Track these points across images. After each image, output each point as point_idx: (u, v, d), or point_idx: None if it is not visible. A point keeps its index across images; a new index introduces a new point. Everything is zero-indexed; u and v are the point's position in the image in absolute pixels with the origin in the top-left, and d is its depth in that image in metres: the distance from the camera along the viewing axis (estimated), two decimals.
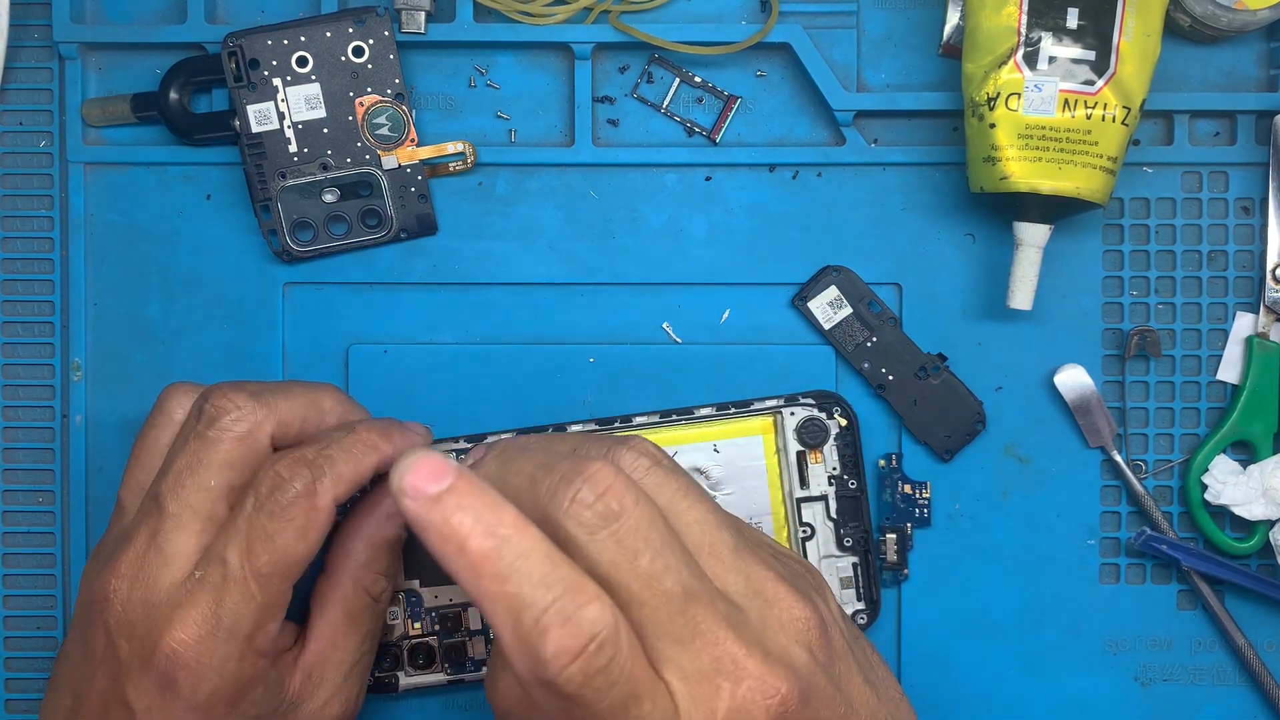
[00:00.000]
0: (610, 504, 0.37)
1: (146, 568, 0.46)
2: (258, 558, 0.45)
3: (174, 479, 0.47)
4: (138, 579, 0.46)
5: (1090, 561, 0.56)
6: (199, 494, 0.46)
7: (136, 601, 0.46)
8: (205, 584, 0.45)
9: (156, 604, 0.45)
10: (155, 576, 0.46)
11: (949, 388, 0.56)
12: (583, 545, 0.37)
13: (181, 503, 0.46)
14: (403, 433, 0.50)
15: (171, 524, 0.46)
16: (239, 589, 0.45)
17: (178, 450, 0.47)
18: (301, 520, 0.46)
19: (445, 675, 0.56)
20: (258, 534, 0.45)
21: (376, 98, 0.55)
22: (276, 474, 0.46)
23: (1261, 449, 0.55)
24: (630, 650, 0.37)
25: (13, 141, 0.57)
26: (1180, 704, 0.57)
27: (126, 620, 0.46)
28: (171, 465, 0.47)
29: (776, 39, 0.55)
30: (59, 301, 0.57)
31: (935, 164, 0.56)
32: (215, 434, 0.47)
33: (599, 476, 0.37)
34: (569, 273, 0.57)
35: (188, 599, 0.45)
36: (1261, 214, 0.56)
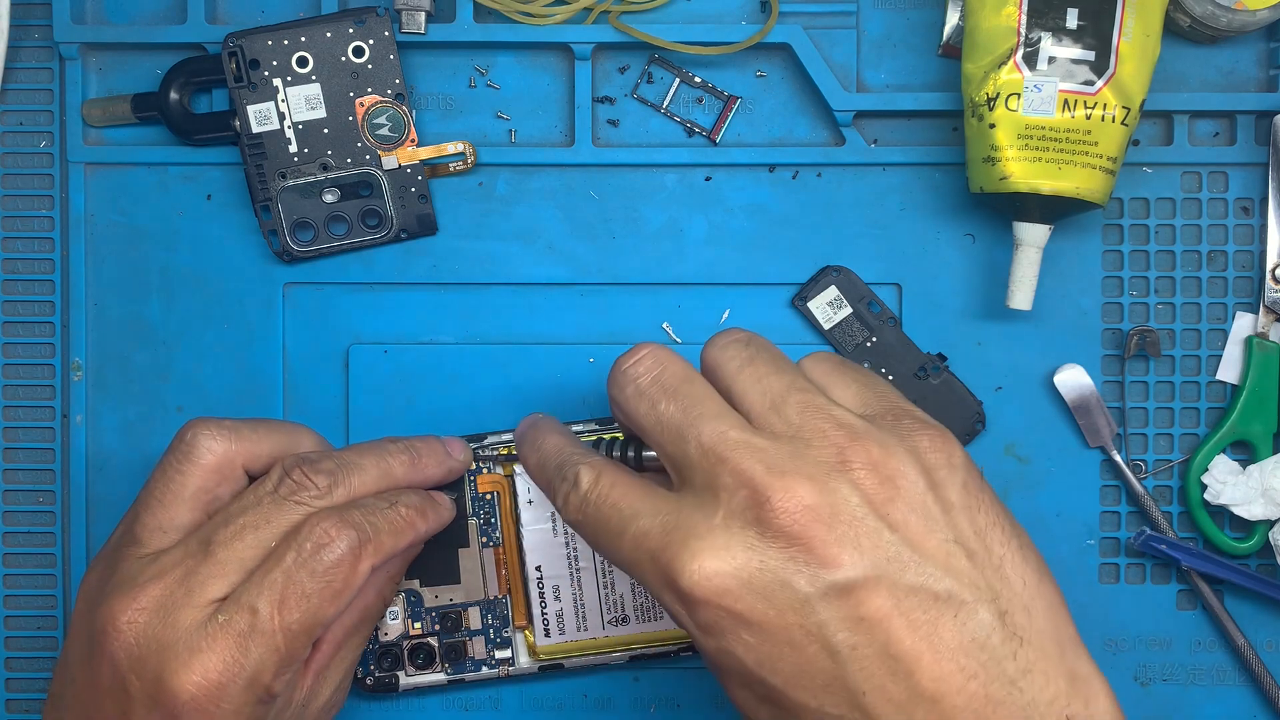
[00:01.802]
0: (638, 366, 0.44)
1: (171, 605, 0.45)
2: (290, 613, 0.45)
3: (235, 531, 0.46)
4: (157, 615, 0.45)
5: (1090, 561, 0.56)
6: (254, 550, 0.46)
7: (153, 639, 0.45)
8: (230, 630, 0.45)
9: (173, 644, 0.45)
10: (177, 616, 0.45)
11: (949, 388, 0.56)
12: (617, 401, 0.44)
13: (233, 553, 0.46)
14: (438, 512, 0.51)
15: (214, 570, 0.46)
16: (265, 640, 0.45)
17: (248, 506, 0.47)
18: (340, 584, 0.46)
19: (445, 675, 0.56)
20: (294, 589, 0.45)
21: (377, 98, 0.55)
22: (325, 531, 0.46)
23: (1261, 449, 0.55)
24: None
25: (13, 141, 0.57)
26: (1180, 704, 0.57)
27: (139, 656, 0.45)
28: (236, 518, 0.47)
29: (776, 39, 0.55)
30: (59, 301, 0.57)
31: (935, 164, 0.56)
32: (291, 505, 0.47)
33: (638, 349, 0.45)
34: (569, 273, 0.57)
35: (209, 644, 0.45)
36: (1261, 214, 0.56)
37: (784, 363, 0.44)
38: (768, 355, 0.44)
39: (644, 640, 0.55)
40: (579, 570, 0.55)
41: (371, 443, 0.51)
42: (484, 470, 0.55)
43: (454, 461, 0.53)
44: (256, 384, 0.57)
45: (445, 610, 0.55)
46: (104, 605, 0.46)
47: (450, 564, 0.55)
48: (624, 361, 0.44)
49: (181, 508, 0.48)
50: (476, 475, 0.55)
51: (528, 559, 0.55)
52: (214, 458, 0.49)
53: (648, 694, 0.57)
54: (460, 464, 0.53)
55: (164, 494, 0.48)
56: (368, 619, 0.51)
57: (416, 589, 0.55)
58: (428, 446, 0.52)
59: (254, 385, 0.57)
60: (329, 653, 0.50)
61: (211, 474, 0.49)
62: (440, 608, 0.55)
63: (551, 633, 0.55)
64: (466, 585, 0.55)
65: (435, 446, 0.52)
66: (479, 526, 0.55)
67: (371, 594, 0.51)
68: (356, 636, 0.51)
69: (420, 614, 0.55)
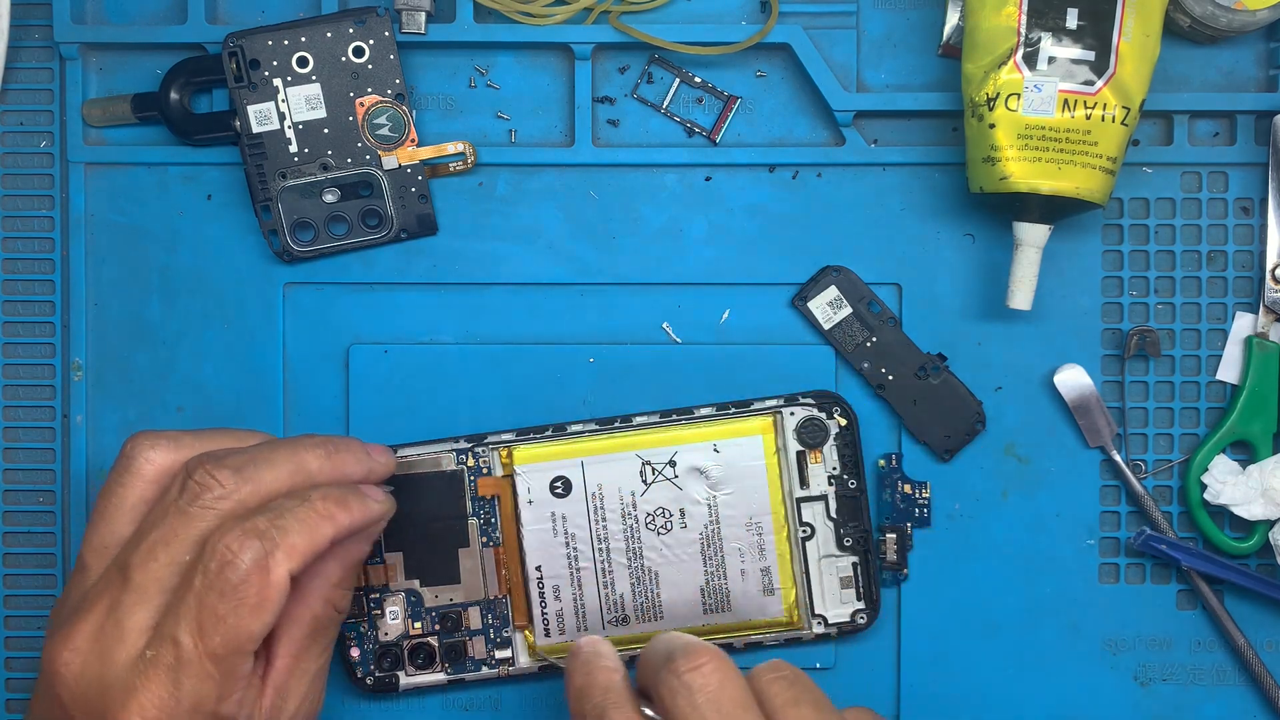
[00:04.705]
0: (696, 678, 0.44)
1: (103, 641, 0.44)
2: (210, 639, 0.44)
3: (146, 550, 0.45)
4: (92, 653, 0.44)
5: (1090, 561, 0.56)
6: (169, 569, 0.45)
7: (91, 678, 0.44)
8: (159, 665, 0.44)
9: (111, 682, 0.44)
10: (111, 652, 0.44)
11: (949, 388, 0.56)
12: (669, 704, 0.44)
13: (149, 575, 0.45)
14: (361, 502, 0.48)
15: (135, 597, 0.44)
16: (194, 670, 0.44)
17: (155, 521, 0.46)
18: (255, 599, 0.44)
19: (445, 675, 0.56)
20: (208, 614, 0.44)
21: (377, 98, 0.55)
22: (226, 548, 0.44)
23: (1261, 449, 0.55)
24: None
25: (13, 141, 0.57)
26: (1180, 704, 0.57)
27: (82, 696, 0.44)
28: (146, 536, 0.45)
29: (776, 39, 0.55)
30: (59, 301, 0.57)
31: (935, 164, 0.56)
32: (197, 510, 0.45)
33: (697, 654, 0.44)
34: (569, 273, 0.57)
35: (142, 681, 0.44)
36: (1261, 214, 0.56)
37: (828, 708, 0.45)
38: (812, 698, 0.45)
39: (644, 640, 0.55)
40: (579, 570, 0.55)
41: (286, 439, 0.49)
42: (485, 471, 0.55)
43: (373, 462, 0.50)
44: (256, 384, 0.57)
45: (445, 610, 0.55)
46: (47, 646, 0.45)
47: (450, 564, 0.55)
48: (681, 664, 0.44)
49: (123, 521, 0.47)
50: (477, 476, 0.55)
51: (528, 559, 0.55)
52: (153, 468, 0.47)
53: None
54: (381, 465, 0.51)
55: (105, 509, 0.48)
56: (321, 629, 0.49)
57: (416, 589, 0.55)
58: (346, 444, 0.50)
59: (254, 385, 0.57)
60: (285, 668, 0.48)
61: (151, 485, 0.47)
62: (440, 608, 0.55)
63: (551, 633, 0.55)
64: (466, 585, 0.55)
65: (354, 445, 0.50)
66: (479, 526, 0.55)
67: (317, 603, 0.48)
68: (315, 647, 0.49)
69: (420, 614, 0.55)
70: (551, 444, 0.55)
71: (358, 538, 0.49)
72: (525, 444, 0.55)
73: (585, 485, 0.55)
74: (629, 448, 0.55)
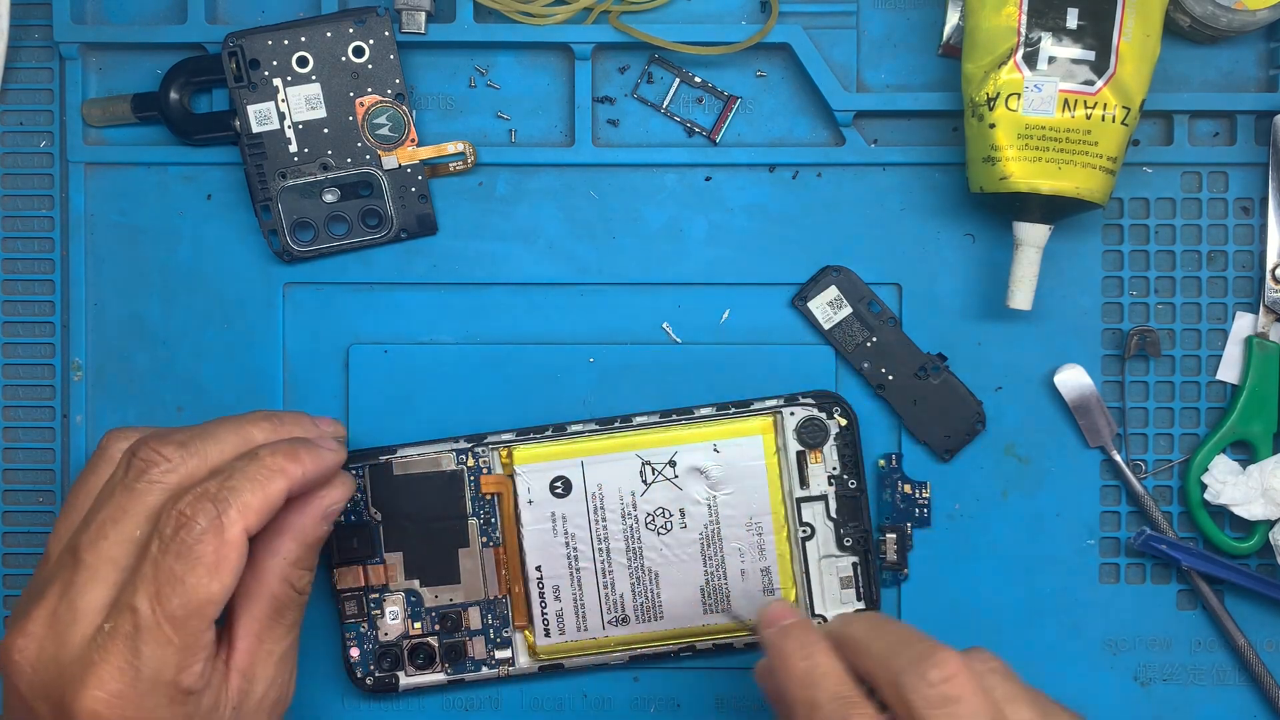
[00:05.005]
0: (951, 689, 0.42)
1: (57, 624, 0.44)
2: (168, 601, 0.44)
3: (95, 530, 0.45)
4: (47, 637, 0.44)
5: (1090, 561, 0.56)
6: (120, 545, 0.45)
7: (47, 661, 0.44)
8: (117, 635, 0.44)
9: (69, 662, 0.44)
10: (66, 634, 0.44)
11: (949, 388, 0.56)
12: (920, 715, 0.42)
13: (100, 554, 0.45)
14: (312, 452, 0.48)
15: (86, 576, 0.44)
16: (153, 636, 0.44)
17: (102, 502, 0.46)
18: (211, 558, 0.44)
19: (445, 675, 0.56)
20: (165, 577, 0.44)
21: (377, 98, 0.55)
22: (180, 514, 0.44)
23: (1261, 449, 0.55)
24: None
25: (13, 141, 0.57)
26: (1180, 704, 0.57)
27: (40, 682, 0.44)
28: (94, 517, 0.45)
29: (776, 39, 0.55)
30: (59, 301, 0.57)
31: (935, 164, 0.56)
32: (143, 486, 0.45)
33: (947, 663, 0.43)
34: (569, 273, 0.57)
35: (100, 654, 0.43)
36: (1261, 214, 0.56)
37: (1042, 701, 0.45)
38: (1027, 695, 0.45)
39: (644, 640, 0.55)
40: (579, 570, 0.55)
41: (231, 416, 0.49)
42: (485, 471, 0.55)
43: (320, 430, 0.50)
44: (256, 384, 0.57)
45: (445, 610, 0.55)
46: (4, 638, 0.45)
47: (450, 564, 0.55)
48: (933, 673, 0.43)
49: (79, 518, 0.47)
50: (479, 475, 0.55)
51: (528, 559, 0.55)
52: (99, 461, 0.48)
53: (648, 694, 0.57)
54: (329, 432, 0.51)
55: (73, 500, 0.48)
56: (282, 609, 0.48)
57: (416, 589, 0.55)
58: (293, 416, 0.50)
59: (254, 385, 0.57)
60: (248, 649, 0.48)
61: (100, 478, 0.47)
62: (440, 608, 0.55)
63: (551, 633, 0.55)
64: (466, 585, 0.55)
65: (301, 416, 0.50)
66: (479, 526, 0.55)
67: (275, 582, 0.48)
68: (277, 628, 0.48)
69: (420, 614, 0.55)
70: (551, 444, 0.55)
71: (314, 517, 0.49)
72: (525, 444, 0.55)
73: (585, 485, 0.55)
74: (629, 448, 0.55)
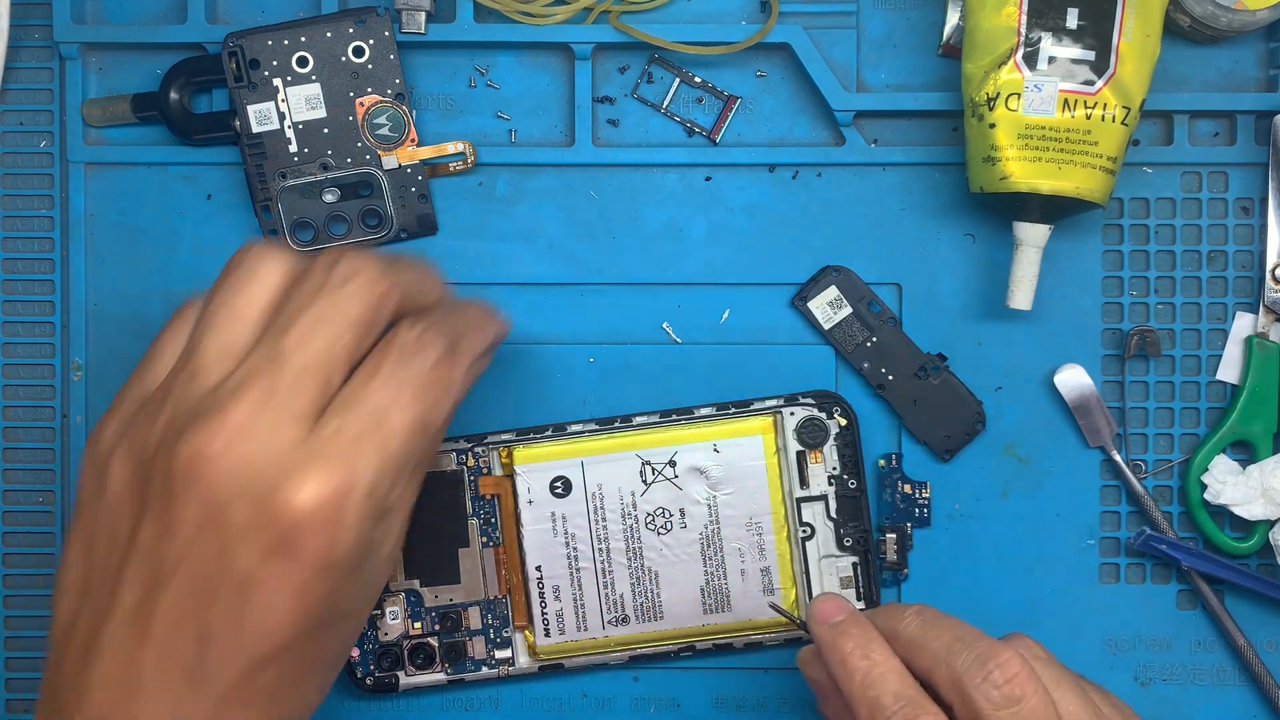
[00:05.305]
0: (1015, 689, 0.43)
1: (264, 423, 0.41)
2: (404, 413, 0.43)
3: (301, 333, 0.42)
4: (253, 436, 0.41)
5: (1090, 561, 0.56)
6: (327, 352, 0.42)
7: (254, 460, 0.41)
8: (344, 436, 0.42)
9: (279, 459, 0.41)
10: (275, 433, 0.41)
11: (949, 388, 0.56)
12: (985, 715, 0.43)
13: (308, 357, 0.42)
14: (501, 317, 0.49)
15: (295, 378, 0.42)
16: (381, 444, 0.42)
17: (300, 307, 0.43)
18: (443, 385, 0.44)
19: (445, 675, 0.56)
20: (406, 389, 0.43)
21: (377, 98, 0.55)
22: (420, 333, 0.44)
23: (1261, 449, 0.55)
24: None
25: (13, 141, 0.57)
26: (1180, 704, 0.57)
27: (243, 481, 0.41)
28: (296, 320, 0.43)
29: (776, 39, 0.55)
30: (59, 301, 0.57)
31: (935, 164, 0.56)
32: (351, 292, 0.43)
33: (1010, 663, 0.44)
34: (569, 273, 0.57)
35: (322, 450, 0.41)
36: (1261, 214, 0.56)
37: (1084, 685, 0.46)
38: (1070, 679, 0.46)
39: (644, 640, 0.55)
40: (579, 570, 0.55)
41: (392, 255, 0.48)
42: (485, 471, 0.55)
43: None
44: None
45: (445, 610, 0.55)
46: (184, 440, 0.41)
47: (450, 564, 0.55)
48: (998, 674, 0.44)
49: (247, 328, 0.44)
50: (478, 476, 0.55)
51: (528, 559, 0.55)
52: (278, 275, 0.45)
53: (648, 694, 0.57)
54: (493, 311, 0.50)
55: (230, 313, 0.44)
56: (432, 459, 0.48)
57: (416, 589, 0.55)
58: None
59: None
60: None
61: (280, 291, 0.45)
62: (440, 608, 0.55)
63: (551, 633, 0.55)
64: (466, 585, 0.55)
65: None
66: (479, 526, 0.55)
67: None
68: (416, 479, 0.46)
69: (420, 614, 0.55)
70: (551, 444, 0.55)
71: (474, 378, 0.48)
72: (525, 444, 0.55)
73: (585, 485, 0.55)
74: (629, 448, 0.55)
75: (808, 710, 0.57)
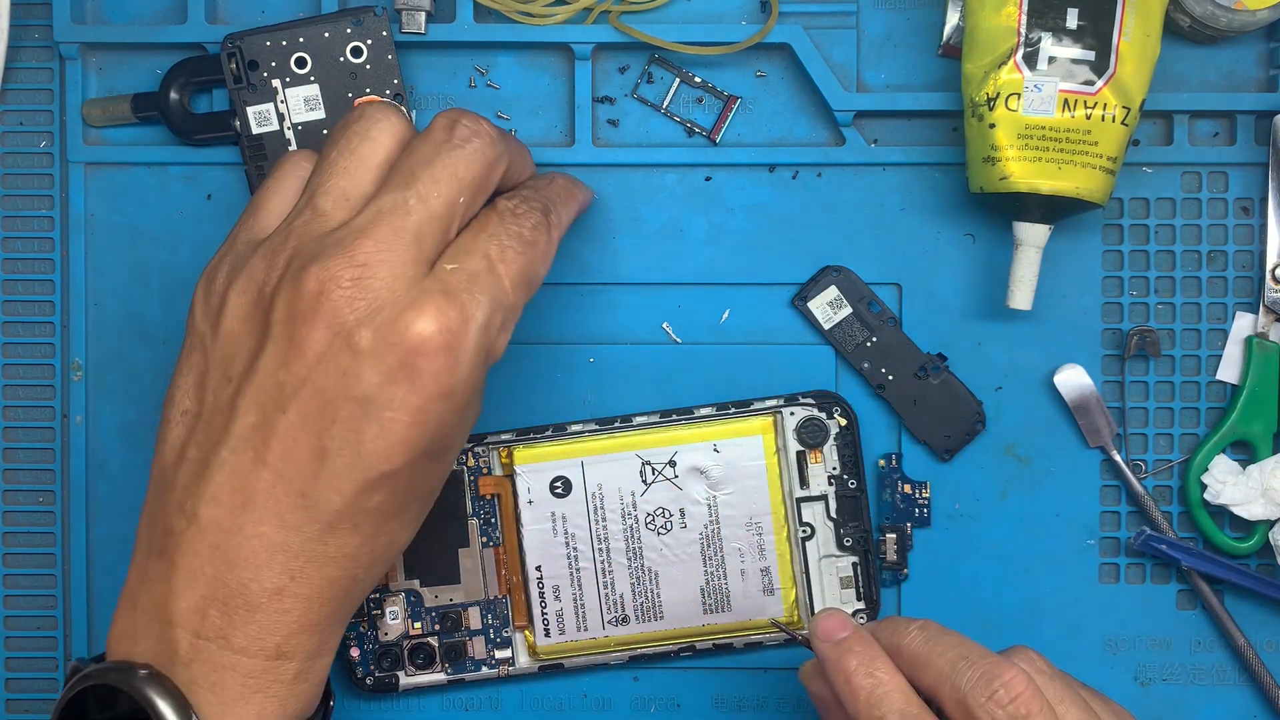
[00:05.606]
0: (1020, 709, 0.43)
1: (391, 260, 0.43)
2: (511, 264, 0.45)
3: (426, 186, 0.45)
4: (380, 271, 0.43)
5: (1090, 561, 0.56)
6: (447, 206, 0.45)
7: (380, 290, 0.43)
8: (460, 275, 0.44)
9: (404, 293, 0.43)
10: (400, 269, 0.43)
11: (949, 388, 0.56)
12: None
13: (431, 209, 0.44)
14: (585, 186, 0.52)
15: (419, 226, 0.44)
16: (493, 287, 0.44)
17: (424, 161, 0.45)
18: (544, 245, 0.47)
19: (445, 675, 0.56)
20: (511, 243, 0.45)
21: (375, 98, 0.55)
22: (518, 203, 0.47)
23: (1261, 449, 0.55)
24: None
25: (13, 141, 0.57)
26: (1180, 704, 0.57)
27: (370, 309, 0.43)
28: (420, 173, 0.45)
29: (776, 39, 0.55)
30: (59, 301, 0.57)
31: (935, 164, 0.56)
32: (469, 153, 0.46)
33: (1015, 683, 0.44)
34: (569, 273, 0.57)
35: (443, 286, 0.43)
36: (1261, 214, 0.56)
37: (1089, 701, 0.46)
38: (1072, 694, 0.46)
39: (644, 640, 0.55)
40: (579, 570, 0.55)
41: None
42: (485, 471, 0.55)
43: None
44: None
45: (445, 610, 0.55)
46: (312, 269, 0.43)
47: (450, 564, 0.55)
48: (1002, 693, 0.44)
49: (367, 177, 0.46)
50: (477, 476, 0.55)
51: (528, 559, 0.55)
52: (397, 131, 0.47)
53: (648, 694, 0.57)
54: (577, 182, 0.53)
55: (346, 165, 0.46)
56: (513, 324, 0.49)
57: (416, 589, 0.55)
58: None
59: None
60: None
61: (399, 147, 0.47)
62: (440, 608, 0.55)
63: (551, 633, 0.55)
64: (466, 585, 0.55)
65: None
66: (479, 526, 0.55)
67: None
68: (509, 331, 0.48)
69: (420, 614, 0.55)
70: (551, 444, 0.55)
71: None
72: (525, 444, 0.55)
73: (585, 485, 0.55)
74: (629, 448, 0.55)
75: (807, 711, 0.57)
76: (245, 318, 0.45)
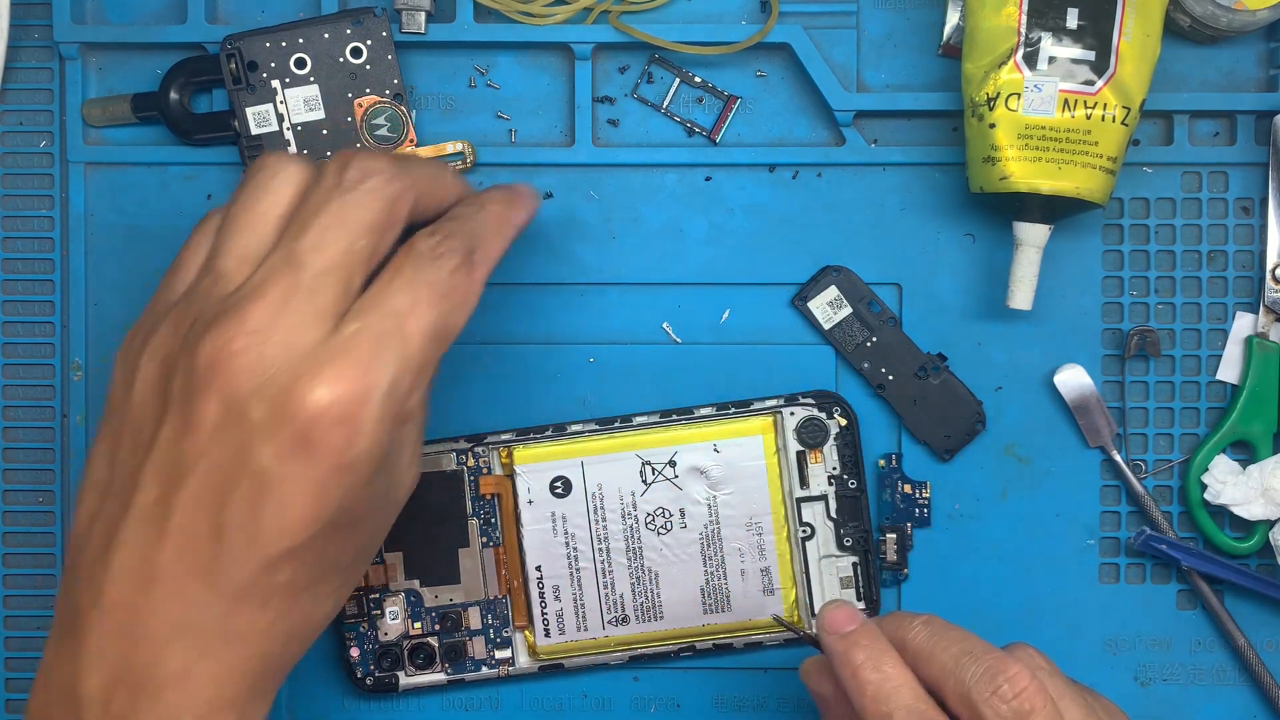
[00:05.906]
0: (1024, 704, 0.43)
1: (284, 323, 0.41)
2: (423, 318, 0.42)
3: (316, 236, 0.42)
4: (272, 336, 0.41)
5: (1090, 561, 0.56)
6: (343, 255, 0.42)
7: (274, 358, 0.41)
8: (363, 335, 0.41)
9: (299, 360, 0.41)
10: (294, 334, 0.41)
11: (949, 388, 0.56)
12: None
13: (324, 259, 0.42)
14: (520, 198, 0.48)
15: (313, 281, 0.42)
16: (400, 347, 0.42)
17: (314, 210, 0.43)
18: (462, 292, 0.43)
19: (445, 675, 0.56)
20: (424, 294, 0.42)
21: (375, 98, 0.55)
22: (438, 243, 0.43)
23: (1261, 449, 0.55)
24: None
25: (13, 141, 0.57)
26: (1180, 704, 0.57)
27: (262, 379, 0.40)
28: (310, 223, 0.42)
29: (776, 39, 0.55)
30: (59, 301, 0.57)
31: (935, 164, 0.56)
32: (362, 195, 0.43)
33: (1019, 678, 0.44)
34: (569, 273, 0.57)
35: (342, 349, 0.41)
36: (1261, 214, 0.56)
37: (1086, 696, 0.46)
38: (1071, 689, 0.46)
39: (644, 640, 0.55)
40: (579, 570, 0.55)
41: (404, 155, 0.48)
42: (485, 471, 0.55)
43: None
44: None
45: (445, 610, 0.55)
46: (205, 339, 0.41)
47: (450, 564, 0.55)
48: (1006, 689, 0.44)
49: (267, 230, 0.44)
50: (477, 476, 0.55)
51: (528, 559, 0.55)
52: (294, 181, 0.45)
53: (648, 694, 0.57)
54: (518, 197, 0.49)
55: (246, 220, 0.44)
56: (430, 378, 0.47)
57: (416, 589, 0.55)
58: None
59: None
60: None
61: (299, 196, 0.44)
62: (440, 608, 0.55)
63: (551, 633, 0.55)
64: (466, 585, 0.55)
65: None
66: (479, 526, 0.55)
67: None
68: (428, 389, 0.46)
69: (420, 614, 0.55)
70: (551, 444, 0.55)
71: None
72: (525, 444, 0.55)
73: (585, 485, 0.55)
74: (629, 448, 0.55)
75: (808, 711, 0.57)
76: (152, 386, 0.43)
